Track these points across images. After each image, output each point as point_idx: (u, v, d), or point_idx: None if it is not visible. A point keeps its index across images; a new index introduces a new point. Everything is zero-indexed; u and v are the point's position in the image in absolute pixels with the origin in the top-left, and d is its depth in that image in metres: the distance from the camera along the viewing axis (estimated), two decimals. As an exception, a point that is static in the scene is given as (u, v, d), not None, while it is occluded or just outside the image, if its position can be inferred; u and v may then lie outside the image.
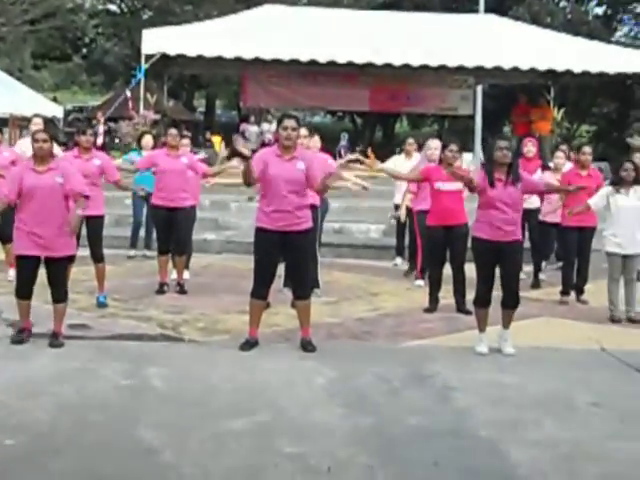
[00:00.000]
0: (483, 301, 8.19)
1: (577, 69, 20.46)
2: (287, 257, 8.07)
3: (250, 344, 7.97)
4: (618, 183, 9.99)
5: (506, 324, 8.23)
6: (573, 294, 11.02)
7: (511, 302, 8.18)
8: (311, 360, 7.64)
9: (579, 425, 6.17)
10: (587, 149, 11.27)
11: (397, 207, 13.11)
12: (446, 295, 10.23)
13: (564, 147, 13.16)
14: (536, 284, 11.96)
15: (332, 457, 5.36)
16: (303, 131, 9.84)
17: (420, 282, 11.62)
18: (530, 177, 8.32)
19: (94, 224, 9.78)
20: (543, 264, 12.48)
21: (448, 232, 10.06)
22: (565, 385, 7.12)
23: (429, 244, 10.65)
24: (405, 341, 8.62)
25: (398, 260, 13.42)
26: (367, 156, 9.60)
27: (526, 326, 9.19)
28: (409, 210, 12.11)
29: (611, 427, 6.14)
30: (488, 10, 25.99)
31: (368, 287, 11.52)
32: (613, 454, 5.61)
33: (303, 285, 8.20)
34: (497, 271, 8.22)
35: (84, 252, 9.78)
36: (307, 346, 7.97)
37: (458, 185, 9.94)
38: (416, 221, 11.58)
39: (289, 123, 7.87)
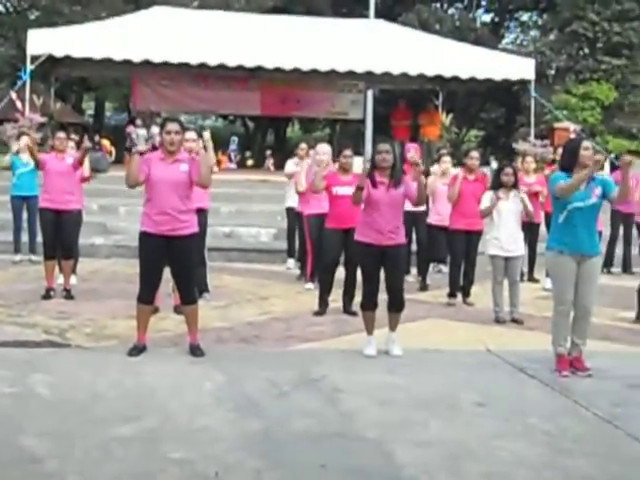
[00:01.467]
0: (369, 304, 8.25)
1: (464, 75, 20.81)
2: (172, 262, 7.95)
3: (138, 349, 7.88)
4: (499, 187, 10.23)
5: (393, 327, 8.31)
6: (460, 296, 11.22)
7: (396, 305, 8.26)
8: (200, 365, 7.59)
9: (464, 425, 6.27)
10: (474, 154, 11.47)
11: (289, 211, 13.16)
12: (337, 298, 10.30)
13: (444, 151, 13.37)
14: (423, 287, 12.13)
15: (220, 462, 5.33)
16: (192, 134, 9.85)
17: (310, 285, 11.67)
18: (411, 183, 8.42)
19: None
20: (430, 267, 12.68)
21: (346, 235, 10.00)
22: (451, 386, 7.23)
23: (326, 247, 10.57)
24: (294, 344, 8.64)
25: (290, 263, 13.45)
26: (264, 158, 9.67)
27: (413, 328, 9.32)
28: (299, 214, 12.15)
29: (495, 426, 6.26)
30: (378, 16, 26.25)
31: (258, 291, 11.52)
32: (497, 453, 5.71)
33: (189, 289, 8.11)
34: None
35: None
36: (195, 351, 7.92)
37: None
38: (307, 225, 11.61)
39: (172, 127, 7.84)
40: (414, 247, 12.75)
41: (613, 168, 20.52)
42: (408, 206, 12.64)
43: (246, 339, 8.82)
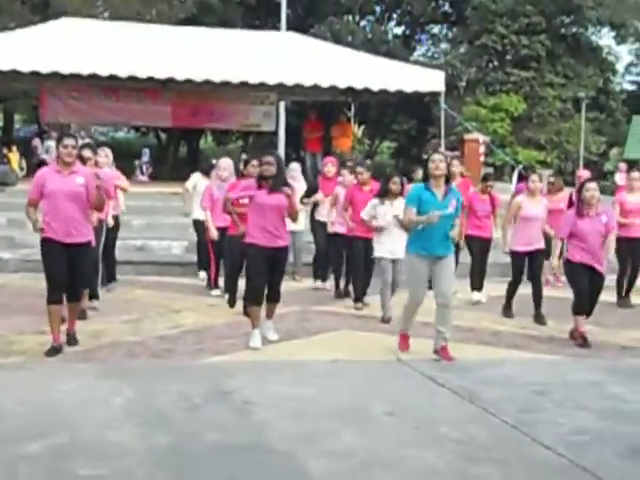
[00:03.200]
0: (257, 301, 9.05)
1: (375, 87, 20.92)
2: (70, 266, 8.43)
3: (55, 350, 8.30)
4: (385, 195, 10.75)
5: (270, 315, 9.29)
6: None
7: (275, 298, 9.21)
8: (110, 380, 7.50)
9: (375, 434, 6.31)
10: (362, 169, 11.93)
11: (195, 223, 13.16)
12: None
13: (349, 163, 13.59)
14: (339, 295, 12.25)
15: (129, 477, 5.30)
16: (87, 153, 10.09)
17: (217, 292, 11.86)
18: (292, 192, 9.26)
19: None
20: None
21: None
22: (362, 396, 7.27)
23: (230, 256, 11.01)
24: (206, 357, 8.60)
25: (202, 275, 13.35)
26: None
27: (325, 339, 9.37)
28: (202, 223, 12.25)
29: (405, 435, 6.32)
30: (290, 28, 26.30)
31: (170, 304, 11.41)
32: (407, 461, 5.77)
33: (77, 290, 8.75)
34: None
35: None
36: (71, 340, 8.61)
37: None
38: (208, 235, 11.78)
39: (69, 142, 8.45)
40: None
41: (521, 178, 20.92)
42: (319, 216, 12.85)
43: (157, 353, 8.73)
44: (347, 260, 12.09)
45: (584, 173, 15.02)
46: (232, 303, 11.00)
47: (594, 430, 6.60)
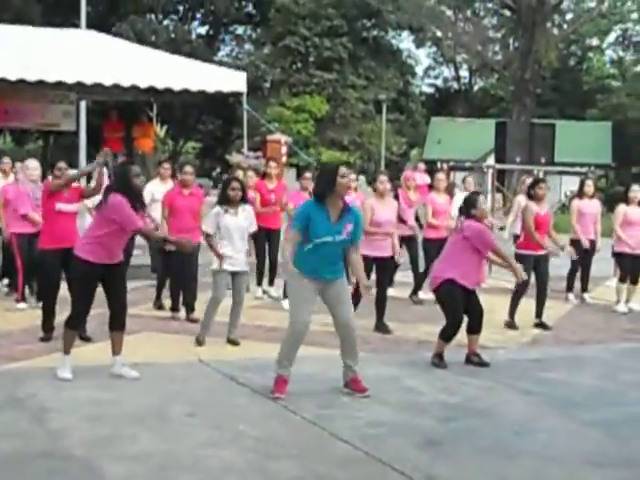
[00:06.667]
0: (81, 324, 8.14)
1: (177, 87, 20.77)
2: None
3: None
4: (224, 202, 9.63)
5: (119, 350, 7.98)
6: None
7: (121, 322, 7.99)
8: None
9: (174, 436, 6.29)
10: (188, 168, 11.23)
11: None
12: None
13: (167, 165, 13.40)
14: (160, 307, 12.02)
15: None
16: None
17: (22, 305, 11.16)
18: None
19: None
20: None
21: (65, 255, 8.99)
22: (162, 398, 7.23)
23: (44, 268, 9.73)
24: (1, 365, 8.32)
25: (5, 281, 12.85)
26: None
27: (126, 342, 9.16)
28: None
29: (205, 435, 6.33)
30: (91, 26, 25.79)
31: (-37, 310, 11.01)
32: (206, 461, 5.78)
33: None
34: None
35: None
36: None
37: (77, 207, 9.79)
38: (16, 243, 11.16)
39: None
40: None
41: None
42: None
43: (-52, 362, 8.42)
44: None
45: (415, 173, 14.95)
46: (50, 329, 9.54)
47: (390, 423, 6.80)
